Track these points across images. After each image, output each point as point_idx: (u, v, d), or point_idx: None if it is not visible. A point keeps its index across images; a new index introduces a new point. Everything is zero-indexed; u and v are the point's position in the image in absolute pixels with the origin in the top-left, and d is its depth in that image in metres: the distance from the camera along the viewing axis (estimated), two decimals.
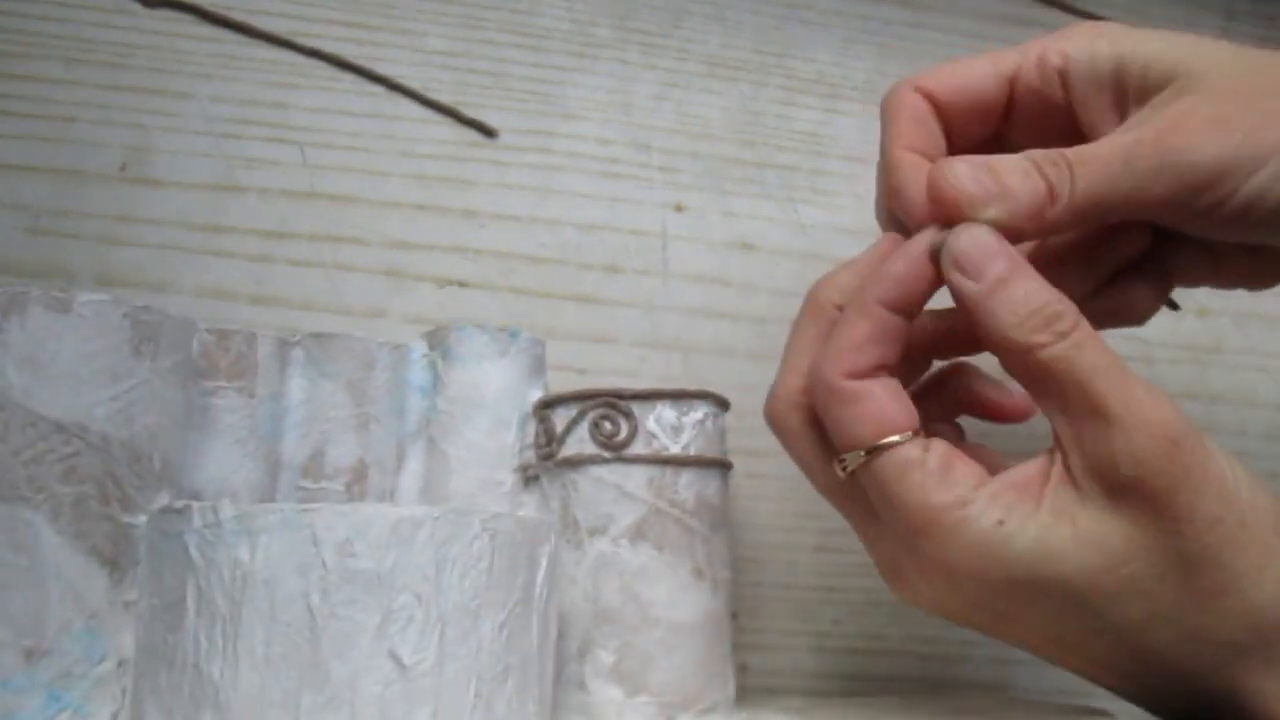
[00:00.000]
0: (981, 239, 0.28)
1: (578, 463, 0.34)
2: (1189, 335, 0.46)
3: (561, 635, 0.33)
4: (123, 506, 0.29)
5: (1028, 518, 0.27)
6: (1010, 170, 0.29)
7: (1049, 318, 0.27)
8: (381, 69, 0.43)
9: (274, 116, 0.41)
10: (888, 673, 0.41)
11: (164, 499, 0.30)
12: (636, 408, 0.34)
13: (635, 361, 0.42)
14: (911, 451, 0.28)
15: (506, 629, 0.28)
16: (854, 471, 0.28)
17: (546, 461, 0.35)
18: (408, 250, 0.41)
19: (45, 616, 0.28)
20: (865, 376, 0.28)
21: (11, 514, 0.28)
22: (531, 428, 0.36)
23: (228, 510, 0.27)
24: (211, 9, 0.42)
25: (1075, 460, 0.27)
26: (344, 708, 0.26)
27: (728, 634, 0.35)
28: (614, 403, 0.34)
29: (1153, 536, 0.26)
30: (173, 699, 0.27)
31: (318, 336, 0.35)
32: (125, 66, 0.41)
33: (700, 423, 0.34)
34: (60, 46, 0.40)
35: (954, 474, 0.27)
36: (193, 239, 0.40)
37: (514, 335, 0.37)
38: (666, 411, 0.34)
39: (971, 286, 0.27)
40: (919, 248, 0.29)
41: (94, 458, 0.29)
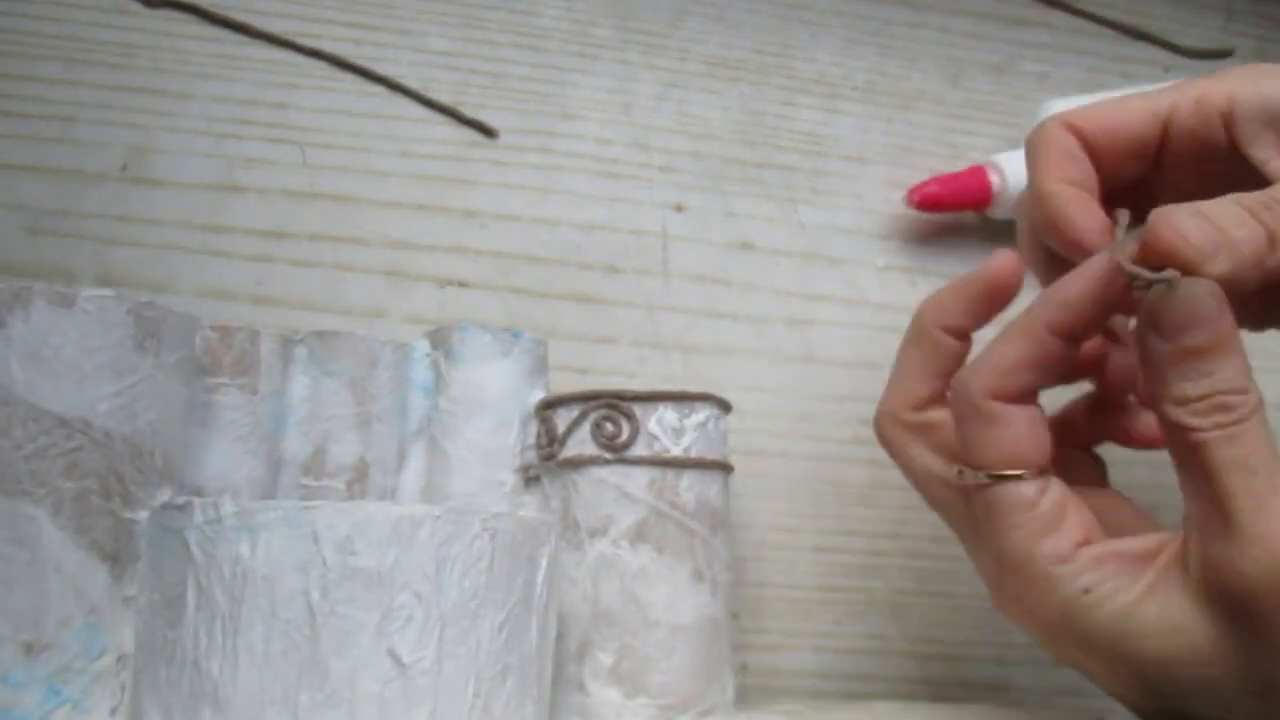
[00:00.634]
0: (1200, 300, 0.26)
1: (579, 463, 0.34)
2: None
3: (560, 636, 0.33)
4: (124, 502, 0.29)
5: (1119, 590, 0.26)
6: (1227, 217, 0.27)
7: (1217, 406, 0.25)
8: (382, 69, 0.43)
9: (274, 116, 0.41)
10: (888, 673, 0.41)
11: (165, 495, 0.30)
12: (638, 409, 0.34)
13: (635, 362, 0.42)
14: (1027, 491, 0.28)
15: (506, 629, 0.28)
16: (969, 485, 0.29)
17: (548, 462, 0.35)
18: (408, 250, 0.41)
19: (45, 611, 0.28)
20: (1011, 400, 0.28)
21: (13, 508, 0.28)
22: (533, 428, 0.36)
23: (229, 507, 0.27)
24: (211, 9, 0.42)
25: (1193, 549, 0.26)
26: (342, 705, 0.26)
27: (726, 637, 0.35)
28: (616, 404, 0.34)
29: (1246, 654, 0.25)
30: (171, 695, 0.27)
31: (320, 334, 0.35)
32: (125, 66, 0.41)
33: (702, 425, 0.34)
34: (60, 46, 0.40)
35: (1062, 525, 0.27)
36: (193, 239, 0.40)
37: (517, 336, 0.37)
38: (668, 413, 0.34)
39: (1160, 345, 0.26)
40: (1094, 273, 0.27)
41: (96, 453, 0.28)
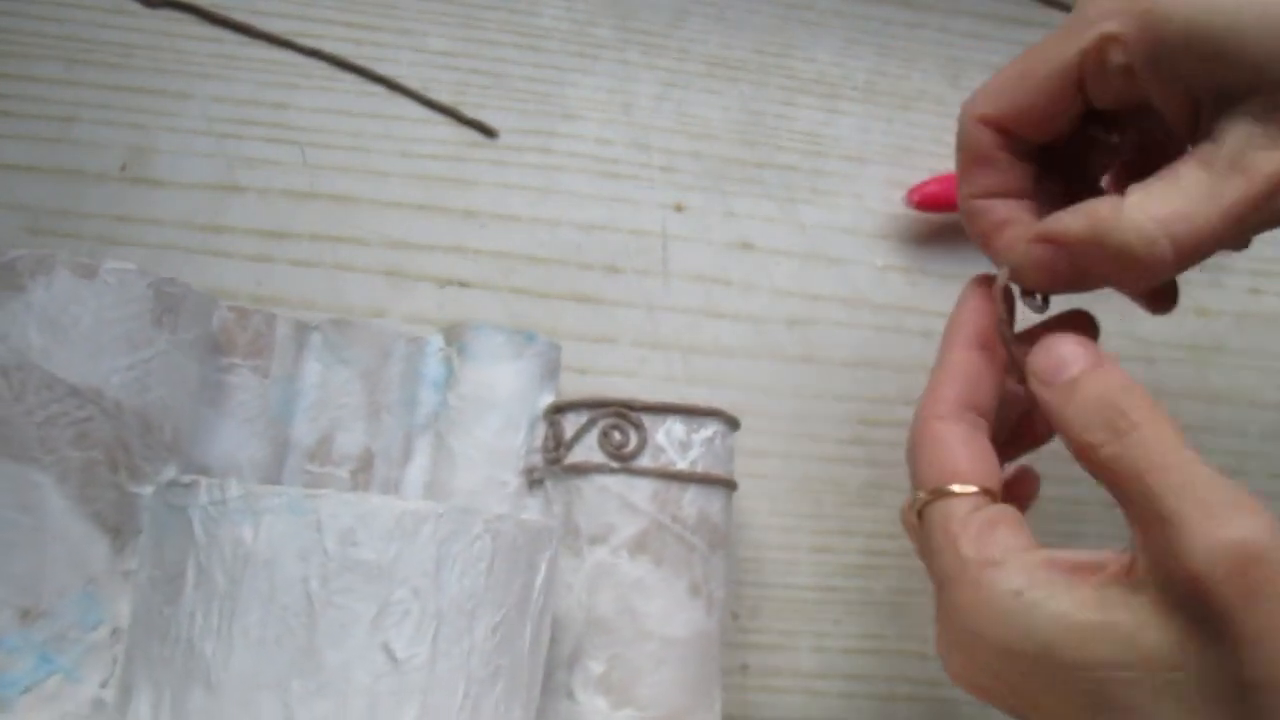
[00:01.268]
0: (1055, 351, 0.28)
1: (584, 470, 0.34)
2: (1189, 335, 0.45)
3: (552, 641, 0.32)
4: (130, 475, 0.29)
5: (1055, 595, 0.25)
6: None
7: (1109, 417, 0.26)
8: (382, 69, 0.43)
9: (274, 116, 0.41)
10: (888, 673, 0.41)
11: (171, 471, 0.30)
12: (647, 420, 0.34)
13: (635, 361, 0.42)
14: (960, 504, 0.28)
15: (500, 631, 0.28)
16: (919, 512, 0.29)
17: (553, 466, 0.35)
18: (408, 250, 0.41)
19: (44, 578, 0.27)
20: (951, 419, 0.29)
21: (20, 474, 0.27)
22: (540, 431, 0.36)
23: (234, 488, 0.27)
24: (211, 9, 0.42)
25: (1141, 560, 0.25)
26: (333, 696, 0.26)
27: (718, 654, 0.34)
28: (625, 413, 0.34)
29: (1211, 655, 0.23)
30: (164, 672, 0.27)
31: (337, 322, 0.35)
32: (125, 66, 0.41)
33: (709, 440, 0.34)
34: (60, 46, 0.40)
35: (995, 534, 0.27)
36: (193, 239, 0.40)
37: (530, 338, 0.36)
38: (676, 426, 0.34)
39: (1046, 393, 0.28)
40: (983, 286, 0.31)
41: (106, 424, 0.28)
